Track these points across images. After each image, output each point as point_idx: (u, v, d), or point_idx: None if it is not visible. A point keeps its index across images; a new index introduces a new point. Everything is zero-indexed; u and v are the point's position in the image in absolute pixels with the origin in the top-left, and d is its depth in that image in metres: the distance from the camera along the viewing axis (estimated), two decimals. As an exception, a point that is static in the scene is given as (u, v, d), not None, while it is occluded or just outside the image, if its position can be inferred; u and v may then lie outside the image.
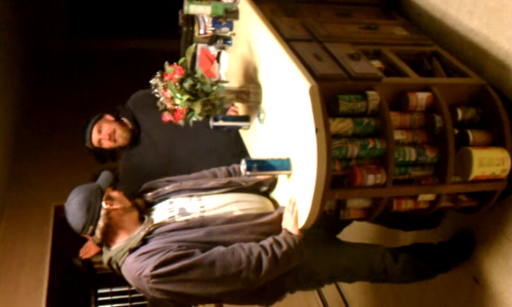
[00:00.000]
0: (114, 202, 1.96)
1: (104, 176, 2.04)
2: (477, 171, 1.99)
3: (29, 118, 5.39)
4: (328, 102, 1.90)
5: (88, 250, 2.74)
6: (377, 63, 2.18)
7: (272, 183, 2.17)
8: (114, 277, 2.14)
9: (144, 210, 2.06)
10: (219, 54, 2.80)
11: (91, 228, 1.95)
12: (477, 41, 2.35)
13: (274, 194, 2.19)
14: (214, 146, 2.77)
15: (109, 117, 2.83)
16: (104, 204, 1.94)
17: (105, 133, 2.76)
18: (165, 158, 2.84)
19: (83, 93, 5.52)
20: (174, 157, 2.84)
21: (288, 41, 2.14)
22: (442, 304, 2.65)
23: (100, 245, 2.66)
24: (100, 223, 1.94)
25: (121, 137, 2.80)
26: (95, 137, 2.77)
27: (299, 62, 1.97)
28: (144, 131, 2.86)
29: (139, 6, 6.93)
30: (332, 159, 1.85)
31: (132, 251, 1.92)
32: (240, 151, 2.59)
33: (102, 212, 1.94)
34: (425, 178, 2.05)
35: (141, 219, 2.01)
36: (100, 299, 6.01)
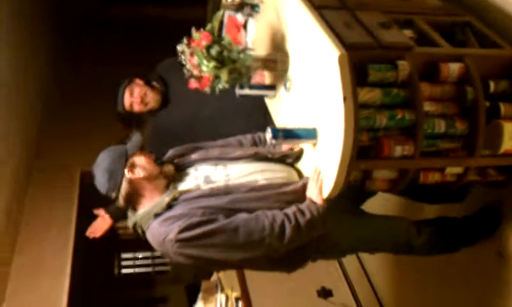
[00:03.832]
0: (137, 170, 1.97)
1: (135, 139, 2.05)
2: (507, 145, 1.95)
3: (57, 83, 5.45)
4: (357, 71, 1.87)
5: (95, 229, 2.76)
6: (408, 32, 2.14)
7: (298, 154, 2.17)
8: (138, 242, 2.17)
9: (171, 176, 2.07)
10: (246, 21, 2.77)
11: (113, 194, 1.97)
12: (512, 12, 2.28)
13: (299, 164, 2.18)
14: (241, 105, 2.77)
15: (139, 81, 2.87)
16: (126, 172, 1.96)
17: (137, 95, 2.82)
18: (192, 117, 2.87)
19: (111, 59, 5.54)
20: (201, 115, 2.86)
21: (318, 9, 2.10)
22: (465, 277, 2.64)
23: (115, 218, 2.70)
24: (122, 191, 1.96)
25: (153, 99, 2.86)
26: (127, 100, 2.82)
27: (329, 30, 1.93)
28: (172, 90, 2.90)
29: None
30: (359, 129, 1.83)
31: (157, 215, 1.94)
32: (267, 109, 2.58)
33: (124, 180, 1.96)
34: (453, 150, 2.02)
35: (167, 186, 2.03)
36: (123, 263, 6.14)
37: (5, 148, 3.83)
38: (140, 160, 2.00)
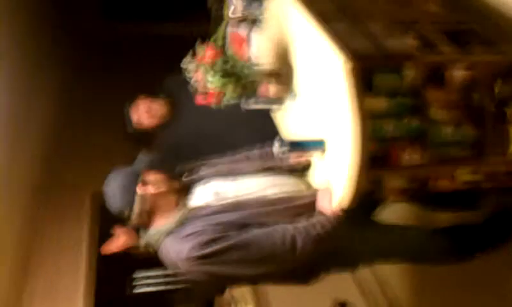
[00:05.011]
0: (150, 186, 1.98)
1: (142, 158, 2.07)
2: (517, 149, 1.93)
3: (66, 104, 5.48)
4: (363, 80, 1.86)
5: (110, 246, 2.74)
6: (412, 40, 2.13)
7: (307, 166, 2.16)
8: (150, 260, 2.17)
9: (181, 193, 2.08)
10: (249, 35, 2.78)
11: (127, 211, 1.98)
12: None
13: (308, 176, 2.18)
14: (247, 116, 2.77)
15: (141, 97, 2.89)
16: (138, 189, 1.96)
17: (143, 110, 2.84)
18: (200, 129, 2.87)
19: (119, 79, 5.56)
20: (208, 128, 2.86)
21: (321, 19, 2.11)
22: (480, 286, 2.61)
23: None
24: (136, 208, 1.97)
25: (159, 110, 2.88)
26: (135, 117, 2.84)
27: (333, 40, 1.93)
28: (180, 104, 2.92)
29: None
30: (368, 139, 1.82)
31: (169, 234, 1.95)
32: (272, 121, 2.58)
33: (137, 197, 1.96)
34: (463, 156, 2.01)
35: (178, 203, 2.03)
36: (135, 282, 6.11)
37: (17, 172, 3.85)
38: (150, 177, 2.02)
